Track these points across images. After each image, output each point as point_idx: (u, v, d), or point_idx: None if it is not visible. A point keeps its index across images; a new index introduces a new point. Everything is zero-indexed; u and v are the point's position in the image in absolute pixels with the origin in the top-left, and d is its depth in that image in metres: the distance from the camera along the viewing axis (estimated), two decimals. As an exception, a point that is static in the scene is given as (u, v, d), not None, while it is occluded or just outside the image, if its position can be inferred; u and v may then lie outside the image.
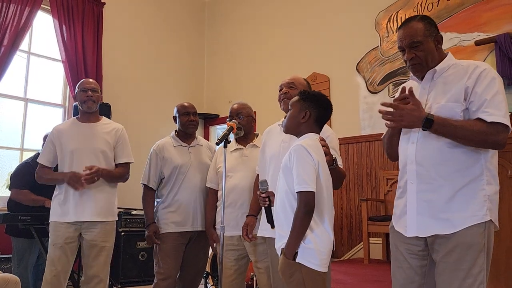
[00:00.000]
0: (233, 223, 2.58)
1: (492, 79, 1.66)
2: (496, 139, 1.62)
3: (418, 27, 1.75)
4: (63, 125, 2.95)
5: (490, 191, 1.65)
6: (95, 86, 2.92)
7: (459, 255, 1.61)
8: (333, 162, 1.99)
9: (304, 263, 1.72)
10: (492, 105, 1.62)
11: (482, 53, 4.15)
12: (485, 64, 1.72)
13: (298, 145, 1.82)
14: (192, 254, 2.93)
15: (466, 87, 1.66)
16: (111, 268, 2.89)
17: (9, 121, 4.89)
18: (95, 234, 2.76)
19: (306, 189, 1.71)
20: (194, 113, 3.03)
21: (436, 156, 1.69)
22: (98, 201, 2.79)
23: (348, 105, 5.02)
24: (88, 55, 5.20)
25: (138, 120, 5.72)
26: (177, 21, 6.54)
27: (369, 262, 4.06)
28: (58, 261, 2.69)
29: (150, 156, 2.97)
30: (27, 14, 4.72)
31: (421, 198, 1.71)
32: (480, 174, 1.66)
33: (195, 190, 2.89)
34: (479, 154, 1.67)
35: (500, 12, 4.10)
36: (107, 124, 2.98)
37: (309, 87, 2.41)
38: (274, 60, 5.92)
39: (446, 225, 1.64)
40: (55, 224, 2.75)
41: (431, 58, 1.76)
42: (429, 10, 4.59)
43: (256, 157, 2.62)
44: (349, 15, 5.20)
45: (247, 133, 2.76)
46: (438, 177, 1.67)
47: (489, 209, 1.63)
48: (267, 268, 2.45)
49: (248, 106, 2.81)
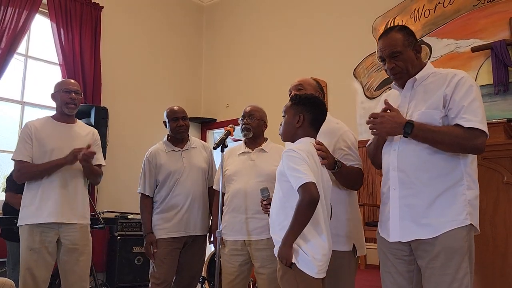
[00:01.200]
0: (238, 227, 2.53)
1: (470, 87, 1.71)
2: (473, 144, 1.66)
3: (397, 37, 1.80)
4: (37, 123, 2.76)
5: (470, 195, 1.69)
6: (78, 88, 2.82)
7: (444, 260, 1.64)
8: (335, 165, 1.95)
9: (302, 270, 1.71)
10: (469, 112, 1.67)
11: (478, 59, 4.18)
12: (462, 72, 1.77)
13: (287, 149, 1.82)
14: (187, 259, 2.91)
15: (445, 94, 1.72)
16: (106, 272, 2.87)
17: (6, 124, 4.88)
18: (76, 237, 2.63)
19: (306, 180, 1.67)
20: (183, 117, 2.96)
21: (416, 162, 1.74)
22: (77, 202, 2.69)
23: (345, 111, 5.03)
24: (86, 58, 5.19)
25: (136, 124, 5.72)
26: (175, 26, 6.55)
27: (365, 267, 4.06)
28: (36, 268, 2.51)
29: (144, 164, 2.95)
30: (25, 17, 4.71)
31: (403, 203, 1.76)
32: (460, 179, 1.70)
33: (189, 195, 2.86)
34: (458, 159, 1.71)
35: (496, 19, 4.13)
36: (83, 127, 2.90)
37: (320, 87, 2.35)
38: (271, 65, 5.94)
39: (427, 230, 1.69)
40: (29, 228, 2.55)
41: (411, 66, 1.81)
42: (425, 16, 4.62)
43: (262, 161, 2.59)
44: (347, 21, 5.23)
45: (256, 136, 2.68)
46: (419, 183, 1.72)
47: (469, 213, 1.67)
48: (269, 274, 2.41)
49: (262, 111, 2.74)
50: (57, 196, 2.62)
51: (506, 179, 2.33)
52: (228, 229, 2.58)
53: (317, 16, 5.55)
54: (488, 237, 2.32)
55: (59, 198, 2.62)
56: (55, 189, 2.63)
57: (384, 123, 1.73)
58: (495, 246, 2.31)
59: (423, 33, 4.62)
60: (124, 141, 5.43)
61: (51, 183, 2.63)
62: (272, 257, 2.41)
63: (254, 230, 2.49)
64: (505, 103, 3.99)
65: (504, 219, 2.31)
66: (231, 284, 2.53)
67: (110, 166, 3.95)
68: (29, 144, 2.68)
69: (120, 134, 5.31)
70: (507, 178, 2.33)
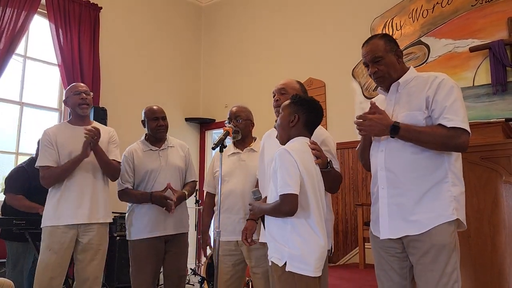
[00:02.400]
0: (230, 228, 2.56)
1: (451, 88, 1.79)
2: (457, 142, 1.74)
3: (379, 43, 1.94)
4: (55, 128, 2.85)
5: (455, 192, 1.77)
6: (87, 89, 2.89)
7: (433, 256, 1.71)
8: (328, 165, 1.99)
9: (294, 270, 1.73)
10: (451, 112, 1.75)
11: (477, 59, 4.19)
12: (443, 75, 1.85)
13: (281, 149, 1.84)
14: (171, 258, 2.88)
15: (427, 96, 1.81)
16: (105, 272, 2.88)
17: (5, 125, 4.87)
18: (92, 237, 2.70)
19: (289, 191, 1.73)
20: (163, 117, 2.97)
21: (403, 162, 1.83)
22: (97, 202, 2.74)
23: (344, 110, 5.04)
24: (85, 59, 5.19)
25: (134, 124, 5.67)
26: (173, 26, 6.55)
27: (364, 267, 4.07)
28: (54, 267, 2.61)
29: (122, 162, 2.93)
30: (24, 18, 4.71)
31: (392, 202, 1.84)
32: (445, 176, 1.78)
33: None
34: (442, 158, 1.79)
35: (494, 19, 4.14)
36: (99, 127, 2.89)
37: (303, 89, 2.37)
38: (270, 65, 5.94)
39: (415, 226, 1.76)
40: (50, 229, 2.65)
41: (393, 71, 1.91)
42: (424, 16, 4.64)
43: (253, 161, 2.62)
44: (345, 21, 5.24)
45: (245, 136, 2.73)
46: (406, 182, 1.81)
47: (455, 208, 1.74)
48: (264, 273, 2.44)
49: (248, 110, 2.78)
50: (77, 197, 2.69)
51: (504, 178, 2.34)
52: (221, 230, 2.59)
53: (316, 17, 5.56)
54: (486, 236, 2.33)
55: (79, 199, 2.69)
56: (75, 190, 2.70)
57: (372, 126, 1.83)
58: (494, 245, 2.32)
59: (421, 33, 4.63)
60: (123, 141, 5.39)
61: (71, 185, 2.70)
62: (265, 256, 2.44)
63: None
64: (503, 103, 4.00)
65: (502, 218, 2.32)
66: (227, 284, 2.56)
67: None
68: (51, 149, 2.74)
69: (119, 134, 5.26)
70: (505, 178, 2.34)
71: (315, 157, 1.91)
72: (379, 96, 2.06)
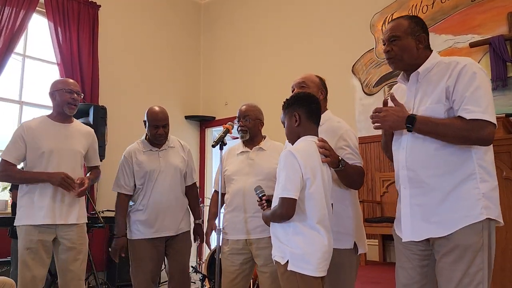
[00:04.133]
0: (239, 226, 2.53)
1: (473, 74, 1.64)
2: (478, 136, 1.60)
3: (402, 23, 1.79)
4: (33, 123, 2.73)
5: (485, 188, 1.63)
6: (79, 89, 2.82)
7: (456, 256, 1.61)
8: (339, 163, 1.96)
9: (295, 270, 1.72)
10: (472, 102, 1.60)
11: (477, 55, 4.18)
12: (466, 60, 1.70)
13: (286, 150, 1.83)
14: (173, 258, 2.88)
15: (447, 86, 1.67)
16: (107, 271, 2.87)
17: (4, 124, 4.87)
18: (73, 237, 2.65)
19: (287, 195, 1.73)
20: (164, 125, 2.86)
21: (424, 160, 1.70)
22: (73, 203, 2.69)
23: (344, 107, 5.03)
24: (84, 57, 5.19)
25: (134, 123, 5.69)
26: (173, 24, 6.54)
27: (365, 263, 4.07)
28: (33, 265, 2.55)
29: (121, 163, 2.90)
30: (22, 16, 4.71)
31: (414, 202, 1.73)
32: (472, 173, 1.64)
33: (165, 195, 2.82)
34: (469, 152, 1.65)
35: (494, 15, 4.13)
36: (80, 126, 2.88)
37: (323, 82, 2.36)
38: (269, 62, 5.94)
39: (438, 228, 1.65)
40: (27, 228, 2.57)
41: (408, 55, 1.78)
42: (423, 12, 4.62)
43: (262, 160, 2.58)
44: (344, 17, 5.23)
45: (254, 136, 2.68)
46: (428, 181, 1.69)
47: (485, 207, 1.61)
48: (272, 272, 2.40)
49: (257, 109, 2.72)
50: (53, 197, 2.62)
51: (505, 174, 2.34)
52: (229, 228, 2.58)
53: (315, 13, 5.54)
54: (487, 232, 2.33)
55: (55, 199, 2.62)
56: (51, 190, 2.62)
57: (387, 117, 1.72)
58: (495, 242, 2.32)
59: (421, 29, 4.61)
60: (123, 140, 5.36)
61: (47, 184, 2.61)
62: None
63: (255, 229, 2.49)
64: (504, 98, 4.00)
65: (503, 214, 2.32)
66: (233, 283, 2.52)
67: (109, 165, 3.95)
68: (19, 145, 2.65)
69: (119, 133, 5.29)
70: (506, 173, 2.34)
71: (323, 156, 1.88)
72: (400, 85, 1.92)
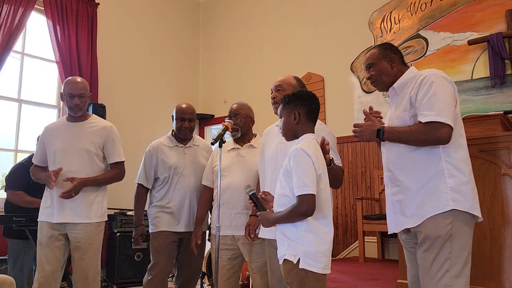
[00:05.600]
0: (226, 222, 2.57)
1: (430, 83, 1.85)
2: (435, 136, 1.79)
3: (373, 52, 2.09)
4: (54, 124, 2.88)
5: (453, 183, 1.80)
6: (84, 91, 2.78)
7: (427, 245, 1.80)
8: (331, 162, 2.01)
9: (308, 268, 1.72)
10: (427, 107, 1.81)
11: (475, 52, 4.19)
12: (430, 71, 1.90)
13: (297, 149, 1.82)
14: (186, 256, 2.93)
15: (410, 96, 1.90)
16: (107, 269, 2.88)
17: (3, 122, 4.87)
18: (78, 236, 2.68)
19: (307, 192, 1.71)
20: (190, 119, 2.95)
21: (399, 162, 1.94)
22: (79, 202, 2.69)
23: (343, 105, 5.04)
24: (82, 55, 5.18)
25: (133, 120, 5.71)
26: (171, 21, 6.54)
27: (364, 260, 4.09)
28: (45, 262, 2.64)
29: (145, 156, 2.97)
30: (21, 14, 4.70)
31: (394, 199, 1.97)
32: (440, 169, 1.82)
33: (189, 191, 2.89)
34: (437, 152, 1.84)
35: (492, 12, 4.14)
36: (94, 123, 2.86)
37: (301, 84, 2.37)
38: (268, 60, 5.94)
39: (412, 220, 1.87)
40: (40, 224, 2.73)
41: (385, 75, 2.05)
42: (422, 10, 4.63)
43: (252, 157, 2.62)
44: (343, 15, 5.23)
45: (244, 133, 2.74)
46: (403, 180, 1.92)
47: (452, 199, 1.77)
48: (259, 268, 2.46)
49: (248, 107, 2.78)
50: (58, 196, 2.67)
51: (503, 171, 2.35)
52: None
53: (314, 11, 5.54)
54: (485, 228, 2.35)
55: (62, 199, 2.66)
56: (55, 189, 2.69)
57: (362, 132, 1.98)
58: (493, 238, 2.33)
59: (419, 26, 4.62)
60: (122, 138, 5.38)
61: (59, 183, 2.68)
62: (260, 251, 2.47)
63: (243, 225, 2.53)
64: (502, 96, 4.01)
65: (501, 210, 2.33)
66: (224, 277, 2.58)
67: (108, 163, 3.95)
68: (41, 148, 2.83)
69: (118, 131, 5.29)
70: (504, 170, 2.35)
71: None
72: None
